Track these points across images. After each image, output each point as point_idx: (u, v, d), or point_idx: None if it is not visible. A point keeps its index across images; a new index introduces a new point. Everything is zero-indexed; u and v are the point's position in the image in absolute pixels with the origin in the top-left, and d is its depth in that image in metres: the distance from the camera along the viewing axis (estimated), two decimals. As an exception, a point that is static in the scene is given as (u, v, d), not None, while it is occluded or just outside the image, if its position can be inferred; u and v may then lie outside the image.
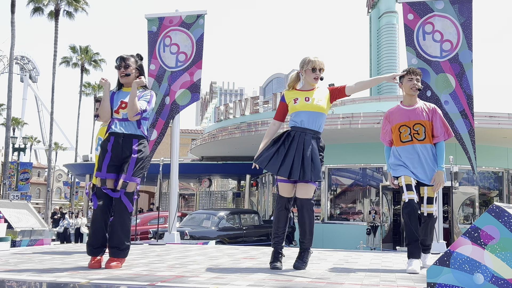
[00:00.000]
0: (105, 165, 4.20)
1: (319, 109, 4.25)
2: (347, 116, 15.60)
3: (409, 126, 4.38)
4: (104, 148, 4.26)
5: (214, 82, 68.38)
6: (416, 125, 4.37)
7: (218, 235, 12.75)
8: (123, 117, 4.28)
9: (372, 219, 16.88)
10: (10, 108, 30.79)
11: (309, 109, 4.22)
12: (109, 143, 4.23)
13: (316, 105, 4.24)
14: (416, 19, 7.00)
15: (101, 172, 4.21)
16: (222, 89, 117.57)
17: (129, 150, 4.21)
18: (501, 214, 3.01)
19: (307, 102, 4.24)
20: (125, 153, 4.22)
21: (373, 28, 31.14)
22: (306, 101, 4.25)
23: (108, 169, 4.20)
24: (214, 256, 5.49)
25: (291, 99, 4.30)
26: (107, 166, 4.20)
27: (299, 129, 4.22)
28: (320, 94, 4.31)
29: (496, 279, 2.95)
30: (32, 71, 76.21)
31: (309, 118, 4.22)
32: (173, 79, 7.82)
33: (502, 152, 17.69)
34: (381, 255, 6.19)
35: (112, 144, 4.21)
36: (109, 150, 4.21)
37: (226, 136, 18.72)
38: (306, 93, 4.30)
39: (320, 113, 4.26)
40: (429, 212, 4.40)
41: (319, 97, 4.29)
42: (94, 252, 4.20)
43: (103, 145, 4.28)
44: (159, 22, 8.05)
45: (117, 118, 4.29)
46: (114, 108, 4.30)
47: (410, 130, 4.37)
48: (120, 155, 4.21)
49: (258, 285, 3.23)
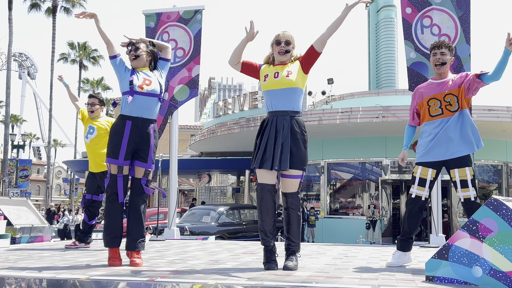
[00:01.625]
0: (122, 151, 4.01)
1: (290, 84, 3.86)
2: (346, 110, 15.59)
3: (439, 98, 4.05)
4: (119, 133, 4.06)
5: (213, 78, 68.21)
6: (447, 96, 4.03)
7: (217, 231, 12.77)
8: (148, 91, 4.14)
9: (371, 214, 16.90)
10: (8, 105, 30.75)
11: (278, 87, 3.87)
12: (126, 128, 4.04)
13: (286, 81, 3.86)
14: (414, 13, 6.99)
15: (118, 160, 4.02)
16: (220, 85, 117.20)
17: (147, 135, 4.10)
18: (500, 207, 3.02)
19: (276, 79, 3.90)
20: (143, 138, 4.10)
21: (371, 22, 31.05)
22: (275, 78, 3.91)
23: (125, 157, 4.03)
24: (213, 251, 5.50)
25: (263, 74, 4.01)
26: (124, 154, 4.02)
27: (271, 113, 3.90)
28: (291, 67, 3.95)
29: (494, 272, 2.96)
30: (30, 68, 76.10)
31: (280, 97, 3.86)
32: (172, 75, 7.81)
33: (501, 146, 17.70)
34: (380, 249, 6.21)
35: (131, 129, 4.05)
36: (127, 135, 4.03)
37: (225, 131, 18.71)
38: (276, 68, 3.96)
39: (291, 89, 3.87)
40: (465, 197, 3.91)
41: (290, 70, 3.92)
42: (113, 243, 4.04)
43: (117, 130, 4.07)
44: (157, 18, 8.03)
45: (140, 92, 4.11)
46: (138, 83, 4.11)
47: (440, 103, 4.04)
48: (138, 141, 4.08)
49: (257, 279, 3.24)
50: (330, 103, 19.17)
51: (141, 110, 4.11)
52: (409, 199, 4.10)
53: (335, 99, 20.30)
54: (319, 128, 16.05)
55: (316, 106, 20.23)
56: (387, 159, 16.94)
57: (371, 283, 3.13)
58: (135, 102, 4.09)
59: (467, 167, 3.98)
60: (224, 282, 3.13)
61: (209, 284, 3.07)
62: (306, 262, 4.38)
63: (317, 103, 20.93)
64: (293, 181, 3.89)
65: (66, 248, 5.80)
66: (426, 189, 4.05)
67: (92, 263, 4.24)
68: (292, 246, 3.86)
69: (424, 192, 4.04)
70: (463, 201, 3.93)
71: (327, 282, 3.18)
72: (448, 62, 4.13)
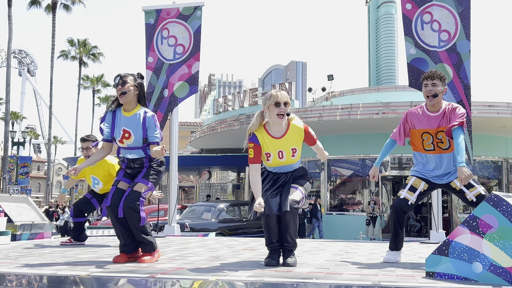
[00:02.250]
0: (121, 174, 4.25)
1: (294, 162, 3.97)
2: (346, 107, 15.57)
3: (431, 134, 4.04)
4: (120, 165, 4.35)
5: (213, 74, 68.21)
6: (440, 133, 4.02)
7: (218, 227, 12.77)
8: (128, 146, 4.18)
9: (371, 210, 16.91)
10: (8, 102, 30.73)
11: (284, 164, 3.96)
12: (124, 164, 4.29)
13: (291, 160, 3.94)
14: (414, 9, 6.97)
15: (117, 176, 4.26)
16: (220, 81, 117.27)
17: (142, 167, 4.23)
18: (500, 203, 3.02)
19: (281, 160, 3.92)
20: (137, 170, 4.24)
21: (372, 18, 31.02)
22: (279, 159, 3.92)
23: (124, 175, 4.24)
24: (214, 248, 5.50)
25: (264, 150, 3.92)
26: (123, 175, 4.24)
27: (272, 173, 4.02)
28: (294, 140, 3.93)
29: (494, 267, 2.96)
30: (30, 65, 75.94)
31: (283, 169, 3.99)
32: (171, 71, 7.80)
33: (501, 142, 17.69)
34: (380, 245, 6.21)
35: (126, 165, 4.27)
36: (123, 168, 4.28)
37: (225, 128, 18.70)
38: (278, 143, 3.89)
39: (295, 163, 4.01)
40: (476, 195, 3.90)
41: (293, 146, 3.92)
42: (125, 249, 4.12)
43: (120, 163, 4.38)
44: (157, 14, 8.02)
45: (123, 147, 4.22)
46: (117, 138, 4.17)
47: (432, 139, 4.03)
48: (133, 170, 4.25)
49: (257, 276, 3.24)
50: (330, 99, 19.15)
51: (129, 155, 4.23)
52: (397, 199, 4.09)
53: (335, 95, 20.28)
54: (319, 124, 16.04)
55: (316, 102, 20.21)
56: (387, 155, 16.91)
57: (371, 279, 3.14)
58: (121, 152, 4.28)
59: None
60: (225, 279, 3.13)
61: (210, 280, 3.08)
62: (306, 258, 4.38)
63: (317, 100, 20.91)
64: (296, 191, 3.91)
65: (62, 245, 5.80)
66: (415, 196, 4.05)
67: (92, 259, 4.24)
68: (291, 245, 3.86)
69: (412, 197, 4.04)
70: (476, 200, 3.90)
71: (328, 278, 3.18)
72: (440, 94, 4.05)
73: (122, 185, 4.16)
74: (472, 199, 3.93)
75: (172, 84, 7.79)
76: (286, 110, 3.84)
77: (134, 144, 4.16)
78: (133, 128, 4.12)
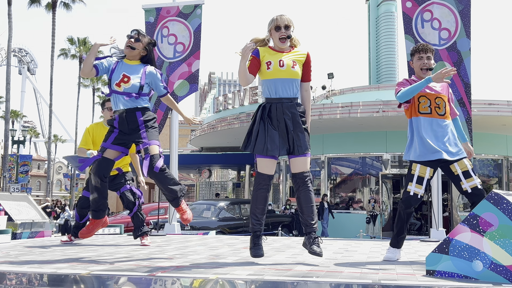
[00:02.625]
0: (111, 138, 4.27)
1: (295, 76, 3.87)
2: (346, 105, 15.58)
3: (429, 98, 4.06)
4: (111, 126, 4.34)
5: (213, 73, 68.19)
6: (438, 99, 4.07)
7: (218, 225, 12.78)
8: (124, 90, 4.25)
9: (371, 208, 16.92)
10: (8, 101, 30.74)
11: (284, 76, 3.85)
12: (115, 121, 4.29)
13: (292, 72, 3.86)
14: (414, 7, 6.97)
15: (106, 143, 4.28)
16: (220, 80, 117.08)
17: (136, 123, 4.23)
18: (500, 201, 3.02)
19: (282, 68, 3.83)
20: (131, 126, 4.24)
21: (372, 16, 31.00)
22: (280, 67, 3.84)
23: (114, 141, 4.27)
24: (214, 246, 5.50)
25: (264, 62, 3.88)
26: (113, 139, 4.26)
27: (274, 100, 3.87)
28: (296, 56, 3.92)
29: (495, 266, 2.96)
30: (30, 63, 76.00)
31: (283, 85, 3.85)
32: (171, 70, 7.80)
33: (502, 140, 17.70)
34: (380, 243, 6.21)
35: (118, 121, 4.27)
36: (116, 126, 4.27)
37: (225, 126, 18.71)
38: (280, 55, 3.88)
39: (294, 79, 3.88)
40: (472, 187, 3.89)
41: (294, 59, 3.89)
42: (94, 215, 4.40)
43: (110, 123, 4.35)
44: (156, 13, 8.01)
45: (117, 91, 4.26)
46: (115, 81, 4.25)
47: (430, 102, 4.05)
48: (127, 130, 4.25)
49: (258, 274, 3.24)
50: (330, 97, 19.16)
51: (121, 105, 4.28)
52: (407, 196, 4.03)
53: (335, 93, 20.29)
54: (319, 123, 16.04)
55: (316, 100, 20.21)
56: (387, 153, 16.94)
57: (371, 277, 3.14)
58: (114, 99, 4.30)
59: (464, 158, 4.01)
60: (225, 277, 3.13)
61: (210, 278, 3.08)
62: (306, 256, 4.39)
63: (317, 98, 20.91)
64: (306, 159, 3.90)
65: (63, 243, 5.78)
66: (423, 187, 4.02)
67: (93, 258, 4.25)
68: (314, 226, 3.88)
69: (421, 190, 4.01)
70: (471, 192, 3.89)
71: (328, 276, 3.18)
72: (434, 66, 4.15)
73: (109, 154, 4.27)
74: (466, 189, 3.91)
75: (172, 83, 7.78)
76: (287, 33, 3.85)
77: (130, 90, 4.25)
78: (133, 74, 4.28)
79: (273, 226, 14.83)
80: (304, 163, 3.89)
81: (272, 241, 6.30)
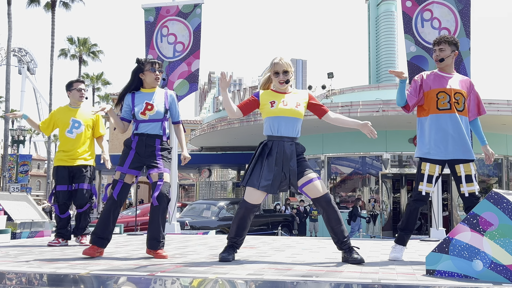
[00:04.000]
0: (128, 161, 4.35)
1: (297, 115, 4.00)
2: (346, 104, 15.58)
3: (449, 93, 4.02)
4: (128, 146, 4.43)
5: (213, 72, 68.21)
6: (457, 94, 4.03)
7: (218, 225, 12.77)
8: (150, 118, 4.40)
9: (371, 208, 16.92)
10: (8, 101, 30.72)
11: (288, 115, 3.97)
12: (134, 141, 4.39)
13: (295, 111, 3.99)
14: (414, 6, 6.96)
15: (123, 167, 4.34)
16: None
17: (153, 149, 4.37)
18: (500, 200, 3.01)
19: (285, 107, 3.97)
20: (149, 150, 4.37)
21: (372, 15, 31.01)
22: (284, 106, 3.97)
23: (131, 165, 4.35)
24: (214, 245, 5.50)
25: (267, 102, 4.01)
26: (130, 162, 4.35)
27: (275, 137, 3.96)
28: (299, 98, 4.07)
29: (495, 265, 2.96)
30: (30, 63, 75.91)
31: (287, 124, 3.97)
32: (171, 69, 7.79)
33: (501, 139, 17.69)
34: (380, 243, 6.21)
35: (137, 142, 4.38)
36: (134, 147, 4.38)
37: (225, 126, 18.70)
38: (282, 96, 4.03)
39: (297, 119, 4.01)
40: (470, 192, 3.90)
41: (297, 101, 4.03)
42: (98, 242, 4.25)
43: (127, 143, 4.44)
44: (156, 12, 8.00)
45: (143, 120, 4.40)
46: (139, 111, 4.39)
47: (449, 98, 4.00)
48: (144, 153, 4.36)
49: (257, 274, 3.24)
50: (330, 97, 19.15)
51: (144, 129, 4.41)
52: (419, 196, 4.02)
53: (335, 93, 20.28)
54: (319, 122, 16.02)
55: (316, 100, 20.15)
56: (387, 153, 16.94)
57: (371, 276, 3.13)
58: (136, 123, 4.45)
59: (471, 162, 4.00)
60: (225, 277, 3.13)
61: (210, 278, 3.08)
62: (306, 256, 4.38)
63: (317, 97, 20.90)
64: (319, 182, 3.95)
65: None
66: (433, 185, 4.03)
67: (92, 258, 4.24)
68: (348, 242, 3.91)
69: (432, 188, 4.02)
70: (468, 196, 3.90)
71: (328, 276, 3.18)
72: (448, 57, 4.10)
73: (128, 179, 4.37)
74: (464, 193, 3.92)
75: (172, 82, 7.78)
76: (285, 79, 4.01)
77: (156, 116, 4.41)
78: (155, 100, 4.46)
79: (273, 225, 14.82)
80: (320, 185, 3.94)
81: (272, 241, 6.30)
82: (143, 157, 4.36)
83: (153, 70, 4.46)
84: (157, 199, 4.20)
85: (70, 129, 5.61)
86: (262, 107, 4.05)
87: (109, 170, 5.96)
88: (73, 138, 5.60)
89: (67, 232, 5.63)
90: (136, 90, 4.51)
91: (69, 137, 5.60)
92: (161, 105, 4.44)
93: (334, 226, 3.89)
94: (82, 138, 5.63)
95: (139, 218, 13.66)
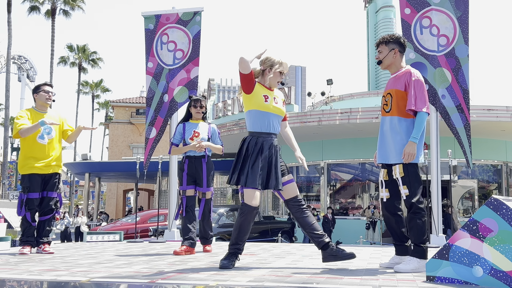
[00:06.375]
0: (184, 180, 5.50)
1: (283, 113, 4.22)
2: (345, 111, 15.60)
3: (384, 95, 3.97)
4: (181, 168, 5.54)
5: (212, 79, 68.25)
6: (387, 95, 3.91)
7: (218, 232, 12.75)
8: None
9: (371, 214, 16.90)
10: (8, 108, 30.77)
11: (277, 113, 4.14)
12: (185, 164, 5.50)
13: (281, 110, 4.19)
14: (413, 13, 6.99)
15: (183, 186, 5.50)
16: (220, 86, 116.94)
17: (200, 168, 5.49)
18: (500, 207, 3.02)
19: (276, 105, 4.14)
20: (198, 168, 5.49)
21: (370, 22, 31.10)
22: (275, 104, 4.14)
23: (187, 182, 5.50)
24: (214, 253, 5.50)
25: (260, 94, 4.08)
26: (186, 181, 5.50)
27: (265, 134, 4.05)
28: (281, 97, 4.27)
29: (495, 271, 2.96)
30: (30, 70, 75.89)
31: (276, 122, 4.14)
32: (171, 76, 7.81)
33: (501, 145, 17.71)
34: (380, 249, 6.21)
35: (188, 165, 5.50)
36: (186, 169, 5.50)
37: (224, 133, 18.71)
38: (272, 93, 4.18)
39: (281, 117, 4.23)
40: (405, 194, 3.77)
41: (281, 100, 4.25)
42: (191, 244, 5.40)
43: (181, 166, 5.55)
44: (156, 20, 8.03)
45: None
46: (189, 136, 5.47)
47: (381, 101, 3.99)
48: (194, 171, 5.50)
49: (258, 281, 3.24)
50: (330, 103, 19.18)
51: (192, 153, 5.52)
52: (382, 203, 3.99)
53: (335, 99, 20.32)
54: (318, 129, 16.06)
55: (315, 107, 20.24)
56: (387, 159, 16.91)
57: (371, 283, 3.14)
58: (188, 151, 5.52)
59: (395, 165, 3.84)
60: (225, 284, 3.13)
61: (210, 285, 3.08)
62: (306, 263, 4.38)
63: (317, 104, 20.94)
64: (295, 184, 4.22)
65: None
66: (386, 190, 3.91)
67: (92, 265, 4.24)
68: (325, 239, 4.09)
69: (387, 193, 3.91)
70: (405, 198, 3.78)
71: (328, 283, 3.18)
72: (386, 58, 3.97)
73: (190, 193, 5.51)
74: (403, 196, 3.80)
75: (172, 89, 7.79)
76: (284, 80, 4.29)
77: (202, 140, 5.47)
78: (201, 130, 5.56)
79: (273, 232, 14.80)
80: (296, 188, 4.20)
81: (272, 248, 6.29)
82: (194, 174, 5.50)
83: (194, 106, 5.58)
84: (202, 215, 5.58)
85: (41, 135, 5.43)
86: (253, 96, 4.05)
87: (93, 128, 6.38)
88: (45, 144, 5.45)
89: (35, 239, 5.50)
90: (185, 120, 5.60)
91: (41, 143, 5.43)
92: (205, 134, 5.53)
93: (307, 228, 4.07)
94: (53, 144, 5.57)
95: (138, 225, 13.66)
